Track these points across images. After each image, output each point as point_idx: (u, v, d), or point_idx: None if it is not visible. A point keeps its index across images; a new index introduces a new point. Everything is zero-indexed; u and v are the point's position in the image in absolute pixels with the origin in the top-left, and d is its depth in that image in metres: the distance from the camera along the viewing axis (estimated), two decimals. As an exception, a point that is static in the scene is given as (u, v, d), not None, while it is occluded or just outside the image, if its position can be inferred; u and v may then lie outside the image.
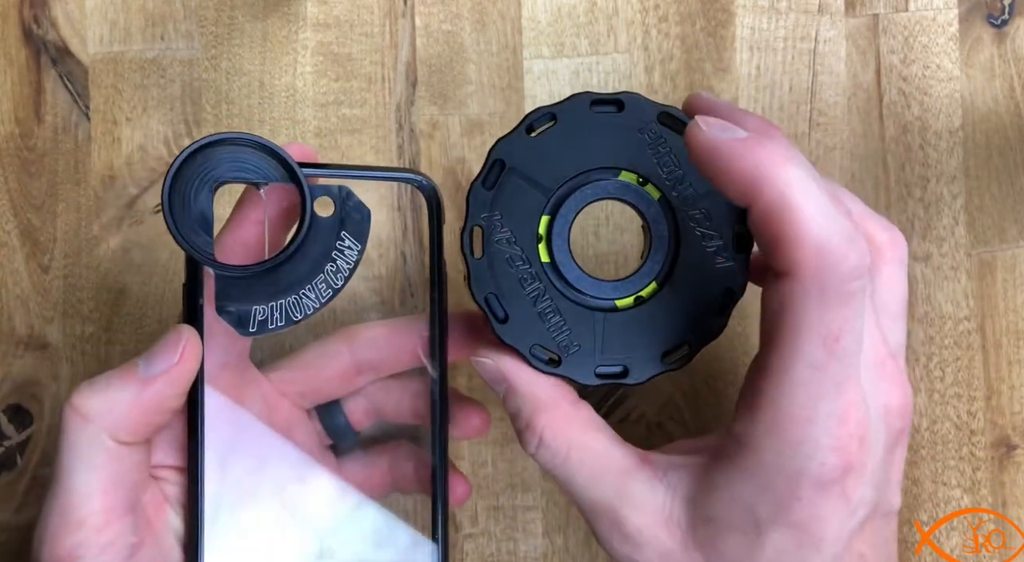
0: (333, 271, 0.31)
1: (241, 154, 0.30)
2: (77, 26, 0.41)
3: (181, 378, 0.30)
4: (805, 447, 0.26)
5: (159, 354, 0.30)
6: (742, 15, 0.41)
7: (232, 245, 0.31)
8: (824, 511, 0.27)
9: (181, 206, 0.30)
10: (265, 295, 0.30)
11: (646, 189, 0.31)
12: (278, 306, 0.31)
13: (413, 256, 0.40)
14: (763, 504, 0.27)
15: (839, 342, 0.26)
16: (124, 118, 0.41)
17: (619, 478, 0.30)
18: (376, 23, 0.41)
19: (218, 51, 0.41)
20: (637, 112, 0.31)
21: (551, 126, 0.31)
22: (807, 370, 0.26)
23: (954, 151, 0.41)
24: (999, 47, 0.41)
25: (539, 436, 0.30)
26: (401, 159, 0.41)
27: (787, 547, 0.27)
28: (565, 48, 0.41)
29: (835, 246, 0.26)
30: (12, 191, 0.40)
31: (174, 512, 0.32)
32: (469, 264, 0.31)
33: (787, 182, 0.26)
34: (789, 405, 0.26)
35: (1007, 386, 0.40)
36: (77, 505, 0.29)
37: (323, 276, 0.31)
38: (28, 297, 0.40)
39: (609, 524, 0.30)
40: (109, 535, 0.29)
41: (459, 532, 0.40)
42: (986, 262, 0.40)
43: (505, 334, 0.31)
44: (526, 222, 0.31)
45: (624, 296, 0.31)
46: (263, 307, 0.30)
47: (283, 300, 0.31)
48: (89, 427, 0.29)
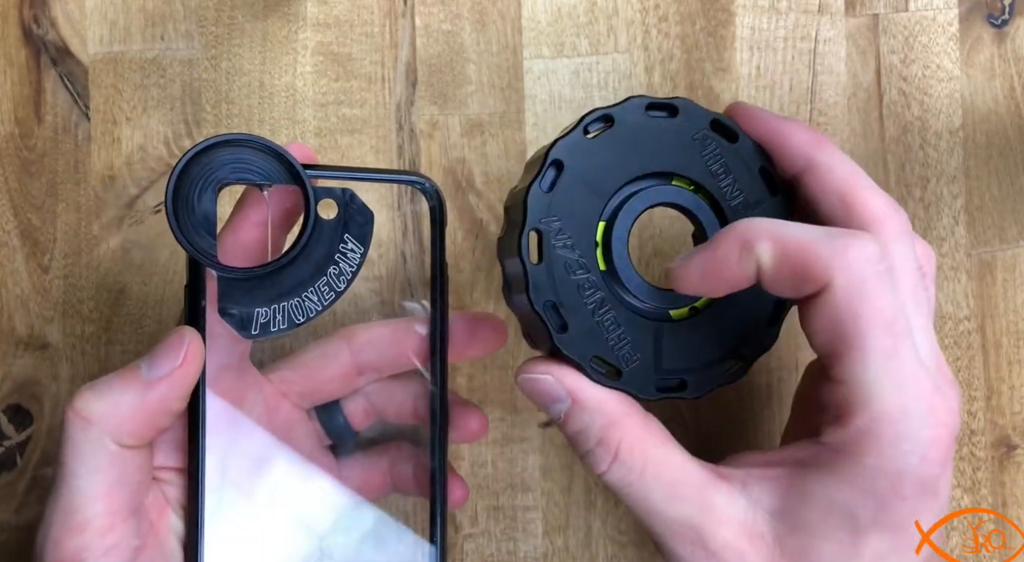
0: (336, 274, 0.31)
1: (244, 155, 0.30)
2: (77, 26, 0.41)
3: (184, 380, 0.30)
4: (904, 444, 0.26)
5: (162, 356, 0.30)
6: (742, 15, 0.41)
7: (234, 247, 0.31)
8: (922, 509, 0.27)
9: (184, 207, 0.30)
10: (268, 297, 0.30)
11: (699, 196, 0.31)
12: (280, 309, 0.30)
13: (413, 256, 0.40)
14: (864, 507, 0.27)
15: (895, 322, 0.27)
16: (124, 118, 0.41)
17: (700, 492, 0.29)
18: (376, 23, 0.41)
19: (218, 51, 0.41)
20: (690, 118, 0.31)
21: (606, 128, 0.30)
22: (882, 361, 0.26)
23: (954, 151, 0.41)
24: (999, 47, 0.41)
25: (614, 452, 0.29)
26: (401, 159, 0.41)
27: (884, 550, 0.27)
28: (565, 48, 0.41)
29: (848, 242, 0.27)
30: (12, 191, 0.40)
31: (176, 514, 0.32)
32: (528, 270, 0.29)
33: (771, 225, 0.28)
34: (880, 403, 0.26)
35: (1007, 386, 0.40)
36: (80, 508, 0.29)
37: (326, 279, 0.31)
38: (28, 297, 0.40)
39: (692, 542, 0.28)
40: (112, 538, 0.29)
41: (459, 532, 0.40)
42: (986, 262, 0.40)
43: (565, 345, 0.29)
44: (584, 228, 0.30)
45: (680, 306, 0.30)
46: (265, 309, 0.30)
47: (285, 303, 0.31)
48: (92, 430, 0.29)
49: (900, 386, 0.26)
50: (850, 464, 0.27)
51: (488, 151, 0.40)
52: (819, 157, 0.30)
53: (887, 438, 0.26)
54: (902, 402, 0.26)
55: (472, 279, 0.40)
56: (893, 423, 0.26)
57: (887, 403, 0.26)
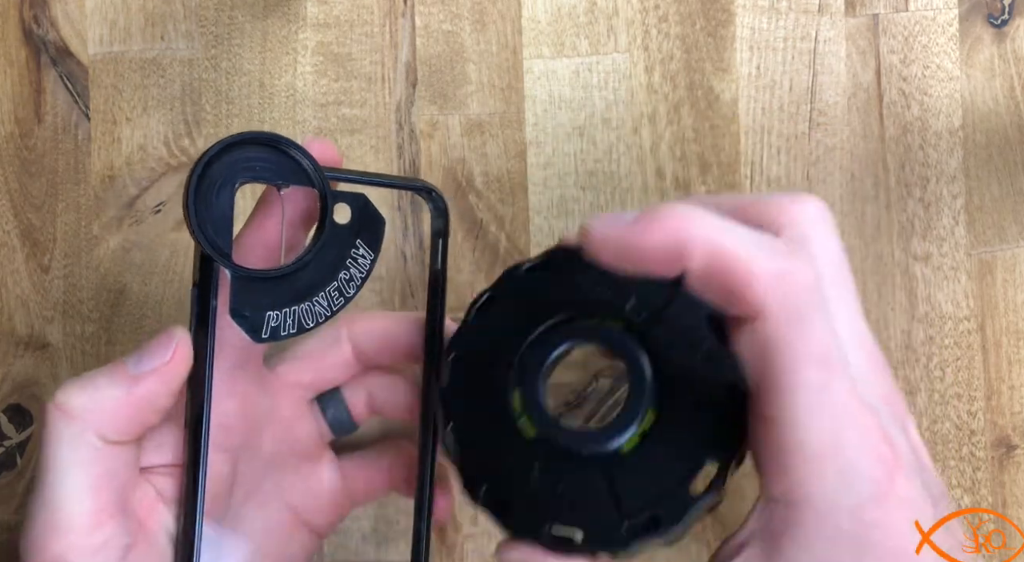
0: (346, 279, 0.30)
1: (264, 154, 0.30)
2: (77, 26, 0.41)
3: (172, 377, 0.29)
4: (848, 475, 0.25)
5: (150, 352, 0.29)
6: (742, 15, 0.41)
7: (251, 247, 0.31)
8: (892, 521, 0.26)
9: (203, 204, 0.29)
10: (279, 301, 0.30)
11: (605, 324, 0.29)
12: (291, 312, 0.30)
13: (413, 256, 0.40)
14: (842, 552, 0.26)
15: (829, 355, 0.25)
16: (124, 118, 0.41)
17: None
18: (376, 23, 0.41)
19: (218, 51, 0.41)
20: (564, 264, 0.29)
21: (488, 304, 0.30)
22: (814, 396, 0.25)
23: (954, 151, 0.41)
24: (999, 47, 0.41)
25: None
26: (401, 159, 0.41)
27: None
28: (565, 48, 0.41)
29: (786, 268, 0.25)
30: (12, 191, 0.40)
31: (167, 510, 0.31)
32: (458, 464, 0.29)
33: (709, 230, 0.25)
34: (817, 441, 0.25)
35: (1007, 386, 0.40)
36: (64, 507, 0.28)
37: (336, 284, 0.30)
38: (28, 297, 0.40)
39: None
40: (100, 537, 0.28)
41: (459, 532, 0.40)
42: (986, 262, 0.40)
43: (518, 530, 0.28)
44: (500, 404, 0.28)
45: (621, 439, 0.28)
46: (277, 313, 0.30)
47: (297, 306, 0.30)
48: (74, 424, 0.28)
49: (833, 416, 0.25)
50: (809, 515, 0.25)
51: (488, 151, 0.41)
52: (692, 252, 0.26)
53: (832, 474, 0.25)
54: (838, 432, 0.25)
55: (472, 279, 0.40)
56: (834, 457, 0.25)
57: (823, 439, 0.25)
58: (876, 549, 0.26)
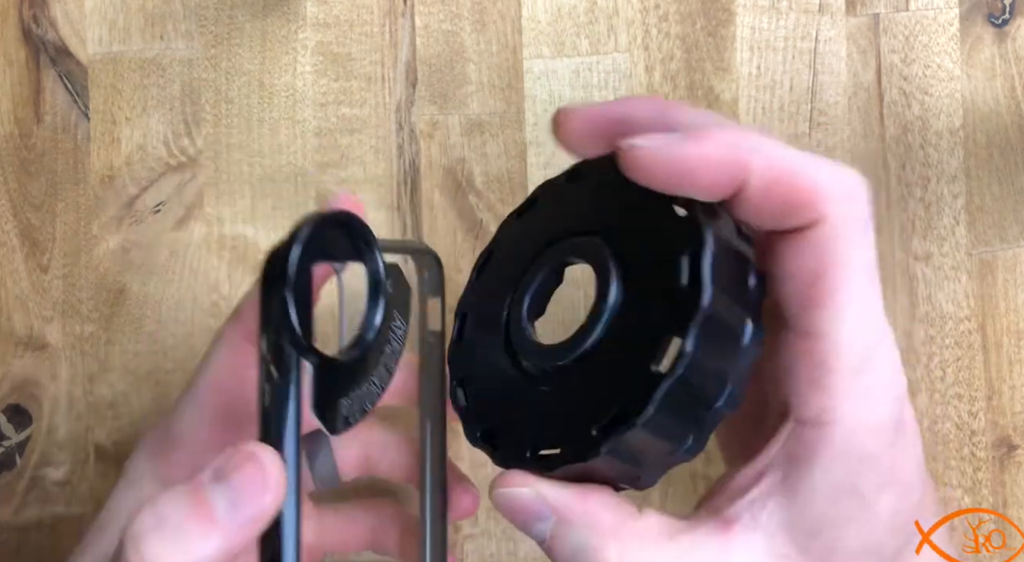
0: (390, 353, 0.28)
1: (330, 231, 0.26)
2: (76, 26, 0.41)
3: (271, 515, 0.25)
4: (876, 393, 0.25)
5: (242, 494, 0.25)
6: (742, 15, 0.41)
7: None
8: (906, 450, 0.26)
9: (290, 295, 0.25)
10: (345, 386, 0.27)
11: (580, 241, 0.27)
12: (356, 398, 0.27)
13: (413, 256, 0.40)
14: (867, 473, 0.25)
15: (874, 270, 0.25)
16: (123, 118, 0.40)
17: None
18: (376, 23, 0.41)
19: (218, 51, 0.41)
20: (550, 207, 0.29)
21: (487, 259, 0.30)
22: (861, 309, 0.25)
23: (955, 151, 0.41)
24: (1000, 47, 0.41)
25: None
26: (401, 159, 0.41)
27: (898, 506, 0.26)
28: (565, 48, 0.41)
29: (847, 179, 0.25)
30: (12, 191, 0.40)
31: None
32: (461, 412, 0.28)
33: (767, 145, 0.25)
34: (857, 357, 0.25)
35: (1008, 386, 0.40)
36: None
37: (383, 359, 0.28)
38: (27, 297, 0.40)
39: None
40: None
41: (459, 533, 0.40)
42: (987, 262, 0.40)
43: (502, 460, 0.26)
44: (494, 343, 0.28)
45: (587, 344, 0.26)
46: (346, 400, 0.27)
47: (358, 390, 0.27)
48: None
49: (873, 335, 0.25)
50: (838, 435, 0.25)
51: (488, 151, 0.40)
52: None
53: (861, 394, 0.25)
54: (870, 354, 0.25)
55: (472, 279, 0.40)
56: (866, 375, 0.25)
57: (862, 356, 0.25)
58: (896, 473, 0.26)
